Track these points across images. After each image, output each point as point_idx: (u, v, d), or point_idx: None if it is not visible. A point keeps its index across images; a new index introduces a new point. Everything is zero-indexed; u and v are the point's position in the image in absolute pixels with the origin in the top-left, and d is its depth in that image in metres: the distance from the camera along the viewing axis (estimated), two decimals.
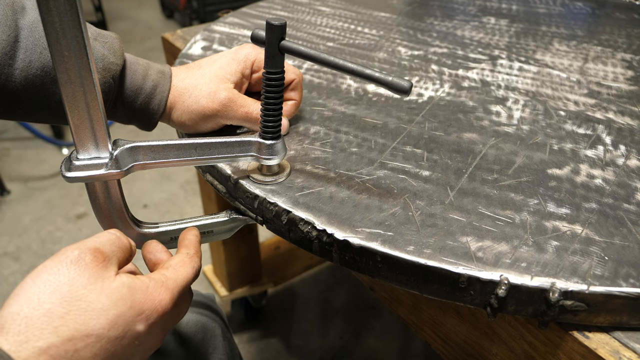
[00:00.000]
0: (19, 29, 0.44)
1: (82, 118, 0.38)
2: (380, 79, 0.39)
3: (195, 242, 0.45)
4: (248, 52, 0.53)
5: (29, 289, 0.32)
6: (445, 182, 0.48)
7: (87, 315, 0.32)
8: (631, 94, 0.66)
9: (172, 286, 0.38)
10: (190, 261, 0.42)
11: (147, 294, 0.36)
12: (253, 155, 0.46)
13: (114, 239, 0.38)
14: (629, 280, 0.38)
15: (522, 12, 0.98)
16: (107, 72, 0.47)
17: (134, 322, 0.34)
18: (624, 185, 0.48)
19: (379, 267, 0.41)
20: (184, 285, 0.39)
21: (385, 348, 1.26)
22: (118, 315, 0.33)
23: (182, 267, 0.40)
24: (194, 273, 0.41)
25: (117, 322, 0.33)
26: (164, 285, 0.37)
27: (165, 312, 0.37)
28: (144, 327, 0.35)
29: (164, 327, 0.38)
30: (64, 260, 0.33)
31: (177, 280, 0.39)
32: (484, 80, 0.68)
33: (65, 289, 0.32)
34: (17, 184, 1.80)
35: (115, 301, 0.33)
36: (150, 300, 0.35)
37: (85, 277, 0.33)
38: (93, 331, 0.32)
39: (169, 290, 0.37)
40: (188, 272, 0.40)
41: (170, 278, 0.38)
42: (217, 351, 0.60)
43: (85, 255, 0.34)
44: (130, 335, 0.34)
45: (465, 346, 0.51)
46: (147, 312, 0.35)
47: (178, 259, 0.42)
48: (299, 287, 1.41)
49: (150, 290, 0.36)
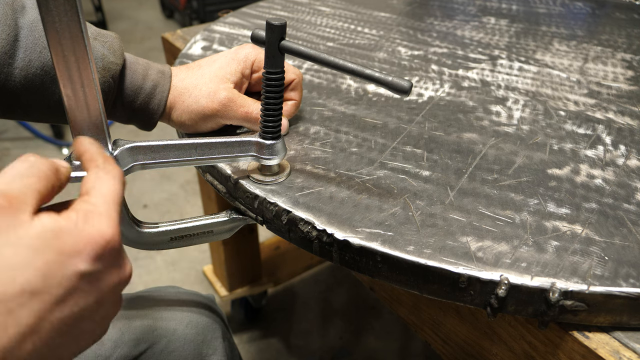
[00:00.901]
0: (18, 28, 0.44)
1: (82, 118, 0.38)
2: (380, 79, 0.39)
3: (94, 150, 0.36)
4: (248, 52, 0.53)
5: None
6: (445, 182, 0.48)
7: (9, 273, 0.27)
8: (631, 94, 0.66)
9: (104, 209, 0.31)
10: (105, 172, 0.34)
11: (78, 231, 0.29)
12: (253, 155, 0.46)
13: (25, 169, 0.30)
14: (629, 280, 0.38)
15: (522, 12, 0.98)
16: (107, 71, 0.47)
17: (71, 263, 0.29)
18: (624, 185, 0.48)
19: (379, 267, 0.41)
20: (116, 201, 0.33)
21: (385, 348, 1.26)
22: (47, 262, 0.28)
23: (102, 184, 0.33)
24: (119, 182, 0.34)
25: (49, 270, 0.28)
26: (94, 213, 0.31)
27: (109, 240, 0.31)
28: (88, 264, 0.29)
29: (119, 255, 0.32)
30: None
31: (106, 199, 0.32)
32: (484, 80, 0.68)
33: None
34: None
35: (38, 249, 0.28)
36: (84, 237, 0.29)
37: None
38: (23, 287, 0.27)
39: (102, 216, 0.31)
40: (110, 185, 0.33)
41: (97, 202, 0.32)
42: (217, 352, 0.60)
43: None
44: (74, 278, 0.29)
45: (465, 346, 0.51)
46: (86, 249, 0.29)
47: (91, 177, 0.34)
48: (299, 287, 1.41)
49: (80, 226, 0.30)
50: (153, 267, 1.47)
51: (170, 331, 0.56)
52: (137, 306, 0.58)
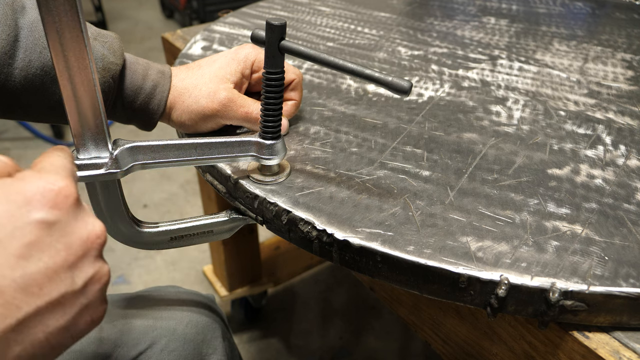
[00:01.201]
0: (18, 28, 0.44)
1: (82, 118, 0.38)
2: (380, 79, 0.39)
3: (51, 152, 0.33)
4: (248, 52, 0.53)
5: None
6: (445, 182, 0.48)
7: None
8: (631, 94, 0.66)
9: (51, 168, 0.30)
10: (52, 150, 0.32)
11: (26, 182, 0.27)
12: (253, 155, 0.46)
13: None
14: (629, 280, 0.38)
15: (522, 12, 0.98)
16: (106, 72, 0.47)
17: (24, 212, 0.26)
18: (624, 185, 0.48)
19: (379, 267, 0.41)
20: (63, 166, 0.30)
21: (385, 348, 1.26)
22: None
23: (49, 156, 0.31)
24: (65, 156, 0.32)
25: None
26: (42, 170, 0.29)
27: (63, 187, 0.28)
28: (45, 212, 0.27)
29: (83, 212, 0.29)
30: None
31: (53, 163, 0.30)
32: (484, 80, 0.68)
33: None
34: None
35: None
36: (33, 186, 0.27)
37: None
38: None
39: (50, 173, 0.29)
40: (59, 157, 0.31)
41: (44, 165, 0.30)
42: (217, 352, 0.60)
43: None
44: (31, 228, 0.26)
45: (465, 346, 0.51)
46: (37, 196, 0.27)
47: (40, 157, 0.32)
48: (299, 287, 1.41)
49: (27, 179, 0.28)
50: (153, 267, 1.47)
51: (170, 331, 0.56)
52: (137, 306, 0.58)
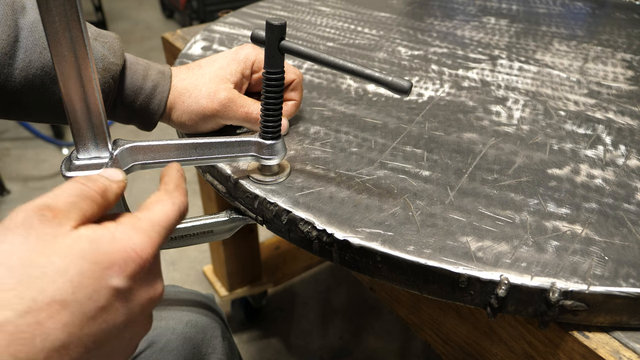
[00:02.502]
0: (19, 28, 0.44)
1: (82, 118, 0.38)
2: (380, 79, 0.39)
3: (177, 176, 0.37)
4: (248, 52, 0.53)
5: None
6: (445, 182, 0.48)
7: (42, 282, 0.27)
8: (631, 94, 0.66)
9: (147, 227, 0.31)
10: (169, 197, 0.34)
11: (115, 242, 0.29)
12: (253, 155, 0.46)
13: (74, 189, 0.31)
14: (629, 280, 0.38)
15: (522, 12, 0.98)
16: (107, 72, 0.47)
17: (104, 277, 0.28)
18: (624, 185, 0.48)
19: (379, 267, 0.41)
20: (163, 224, 0.32)
21: (385, 348, 1.26)
22: (80, 273, 0.27)
23: (158, 204, 0.33)
24: (177, 210, 0.34)
25: (81, 282, 0.27)
26: (135, 227, 0.31)
27: (145, 258, 0.30)
28: (121, 280, 0.29)
29: (154, 274, 0.32)
30: (10, 226, 0.28)
31: (153, 220, 0.32)
32: (484, 80, 0.68)
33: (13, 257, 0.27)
34: (17, 184, 1.80)
35: (72, 259, 0.28)
36: (119, 248, 0.29)
37: (33, 241, 0.28)
38: (54, 298, 0.26)
39: (143, 233, 0.31)
40: (166, 209, 0.33)
41: (144, 218, 0.32)
42: (216, 351, 0.60)
43: (32, 217, 0.28)
44: (105, 293, 0.28)
45: (465, 346, 0.51)
46: (120, 262, 0.29)
47: (154, 197, 0.34)
48: (299, 287, 1.41)
49: (117, 237, 0.30)
50: None
51: (170, 330, 0.56)
52: None
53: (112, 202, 0.33)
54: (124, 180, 0.35)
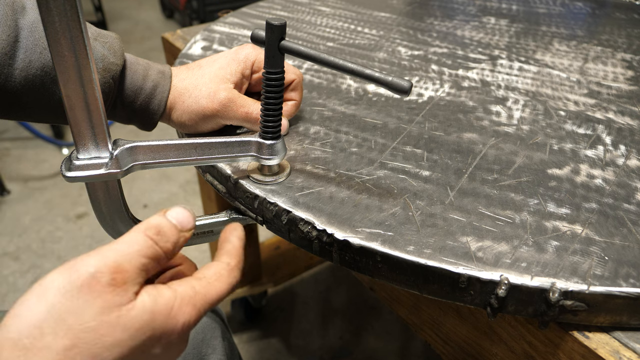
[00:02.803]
0: (19, 28, 0.44)
1: (82, 118, 0.38)
2: (380, 79, 0.39)
3: (239, 247, 0.38)
4: (248, 52, 0.53)
5: (30, 313, 0.27)
6: (445, 182, 0.48)
7: (97, 348, 0.28)
8: (631, 94, 0.66)
9: (200, 304, 0.32)
10: (228, 275, 0.35)
11: (170, 316, 0.31)
12: (253, 155, 0.46)
13: (145, 249, 0.31)
14: (629, 280, 0.38)
15: (522, 12, 0.98)
16: (107, 72, 0.47)
17: (151, 347, 0.30)
18: (624, 185, 0.48)
19: (379, 267, 0.41)
20: (213, 303, 0.34)
21: (385, 348, 1.26)
22: (135, 347, 0.29)
23: (217, 282, 0.34)
24: (229, 290, 0.35)
25: (133, 352, 0.29)
26: (191, 302, 0.32)
27: (188, 331, 0.32)
28: (162, 348, 0.31)
29: (186, 338, 0.34)
30: (76, 280, 0.28)
31: (207, 297, 0.33)
32: (484, 80, 0.68)
33: (73, 317, 0.28)
34: (17, 184, 1.80)
35: (132, 333, 0.29)
36: (172, 323, 0.31)
37: (97, 307, 0.28)
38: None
39: (195, 309, 0.32)
40: (222, 289, 0.34)
41: (200, 293, 0.33)
42: (216, 351, 0.60)
43: (101, 277, 0.29)
44: (150, 357, 0.31)
45: (465, 346, 0.51)
46: (168, 334, 0.31)
47: (214, 270, 0.35)
48: (299, 287, 1.41)
49: (174, 312, 0.31)
50: None
51: None
52: None
53: (176, 254, 0.35)
54: (193, 228, 0.35)
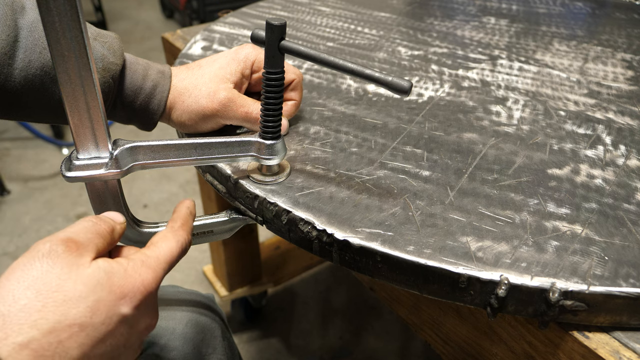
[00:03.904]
0: (18, 28, 0.44)
1: (82, 118, 0.38)
2: (380, 79, 0.39)
3: (185, 214, 0.43)
4: (248, 52, 0.53)
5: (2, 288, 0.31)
6: (445, 182, 0.48)
7: (65, 305, 0.31)
8: (631, 94, 0.66)
9: (154, 264, 0.37)
10: (173, 235, 0.40)
11: (127, 276, 0.34)
12: (253, 155, 0.46)
13: (90, 226, 0.36)
14: (629, 280, 0.38)
15: (522, 12, 0.98)
16: (106, 72, 0.47)
17: (116, 305, 0.33)
18: (624, 185, 0.48)
19: (379, 267, 0.41)
20: (167, 260, 0.38)
21: (385, 348, 1.26)
22: (97, 300, 0.32)
23: (163, 242, 0.39)
24: (179, 247, 0.39)
25: (98, 307, 0.32)
26: (145, 264, 0.36)
27: (150, 291, 0.35)
28: (130, 309, 0.34)
29: (154, 306, 0.37)
30: (36, 255, 0.32)
31: (159, 257, 0.37)
32: (484, 80, 0.68)
33: (40, 282, 0.31)
34: (17, 184, 1.80)
35: (92, 287, 0.32)
36: (130, 282, 0.34)
37: (59, 268, 0.32)
38: (75, 320, 0.31)
39: (150, 269, 0.36)
40: (171, 247, 0.39)
41: (151, 256, 0.37)
42: (216, 351, 0.60)
43: (57, 247, 0.33)
44: (116, 319, 0.33)
45: (465, 346, 0.51)
46: (130, 294, 0.34)
47: (161, 234, 0.40)
48: (299, 287, 1.41)
49: (129, 272, 0.35)
50: None
51: (170, 330, 0.56)
52: None
53: (117, 240, 0.39)
54: (124, 222, 0.40)
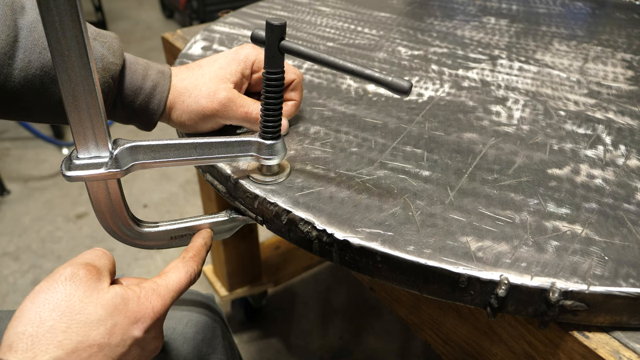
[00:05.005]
0: (18, 28, 0.44)
1: (82, 118, 0.38)
2: (380, 79, 0.39)
3: (199, 245, 0.47)
4: (248, 52, 0.53)
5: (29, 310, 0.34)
6: (445, 182, 0.48)
7: (87, 327, 0.34)
8: (631, 94, 0.66)
9: (164, 293, 0.40)
10: (184, 266, 0.43)
11: (140, 303, 0.38)
12: (253, 155, 0.46)
13: (101, 254, 0.40)
14: (629, 280, 0.38)
15: (522, 12, 0.98)
16: (106, 72, 0.47)
17: (130, 329, 0.36)
18: (624, 185, 0.48)
19: (379, 267, 0.41)
20: (176, 289, 0.42)
21: (385, 348, 1.26)
22: (114, 324, 0.36)
23: (174, 273, 0.42)
24: (188, 277, 0.43)
25: (114, 330, 0.35)
26: (155, 292, 0.40)
27: (159, 317, 0.39)
28: (141, 332, 0.37)
29: (161, 330, 0.41)
30: (59, 278, 0.36)
31: (169, 286, 0.41)
32: (484, 80, 0.68)
33: (64, 305, 0.34)
34: (17, 184, 1.80)
35: (110, 312, 0.36)
36: (142, 308, 0.38)
37: (82, 291, 0.35)
38: (95, 341, 0.34)
39: (160, 297, 0.40)
40: (180, 277, 0.42)
41: (162, 285, 0.41)
42: (217, 351, 0.60)
43: (78, 271, 0.36)
44: (129, 342, 0.36)
45: (465, 346, 0.51)
46: (142, 319, 0.37)
47: (172, 264, 0.44)
48: (299, 287, 1.41)
49: (142, 300, 0.38)
50: (153, 267, 1.47)
51: (170, 330, 0.56)
52: None
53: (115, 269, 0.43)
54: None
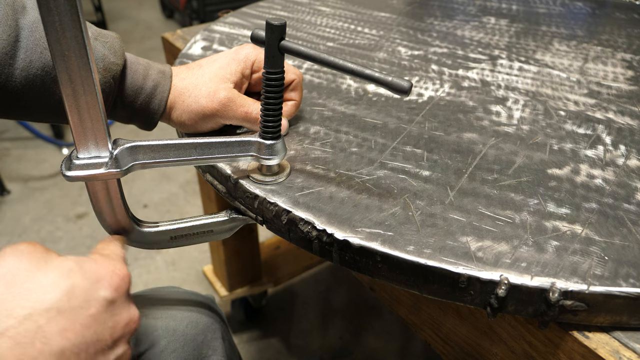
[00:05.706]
0: (19, 28, 0.44)
1: (82, 118, 0.38)
2: (380, 79, 0.39)
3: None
4: (248, 52, 0.53)
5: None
6: (445, 182, 0.48)
7: (38, 292, 0.31)
8: (631, 94, 0.66)
9: (114, 256, 0.38)
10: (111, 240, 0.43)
11: (97, 263, 0.35)
12: (253, 155, 0.46)
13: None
14: (629, 280, 0.38)
15: (522, 12, 0.98)
16: (107, 72, 0.47)
17: (94, 288, 0.33)
18: (624, 185, 0.48)
19: (379, 267, 0.41)
20: (122, 255, 0.40)
21: (385, 348, 1.26)
22: (72, 285, 0.32)
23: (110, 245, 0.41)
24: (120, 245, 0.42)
25: (73, 291, 0.32)
26: (109, 257, 0.38)
27: (126, 276, 0.36)
28: (110, 292, 0.34)
29: (130, 296, 0.38)
30: (1, 255, 0.33)
31: (115, 252, 0.39)
32: (484, 80, 0.68)
33: (8, 277, 0.31)
34: (17, 184, 1.80)
35: (64, 273, 0.32)
36: (103, 267, 0.35)
37: (26, 262, 0.32)
38: (51, 304, 0.31)
39: (116, 260, 0.37)
40: (114, 244, 0.41)
41: (108, 249, 0.40)
42: (217, 352, 0.60)
43: (20, 246, 0.34)
44: (96, 303, 0.33)
45: (465, 346, 0.51)
46: (106, 277, 0.34)
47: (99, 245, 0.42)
48: (299, 287, 1.41)
49: (98, 261, 0.35)
50: (153, 267, 1.47)
51: (170, 331, 0.56)
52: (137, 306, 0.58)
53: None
54: None
